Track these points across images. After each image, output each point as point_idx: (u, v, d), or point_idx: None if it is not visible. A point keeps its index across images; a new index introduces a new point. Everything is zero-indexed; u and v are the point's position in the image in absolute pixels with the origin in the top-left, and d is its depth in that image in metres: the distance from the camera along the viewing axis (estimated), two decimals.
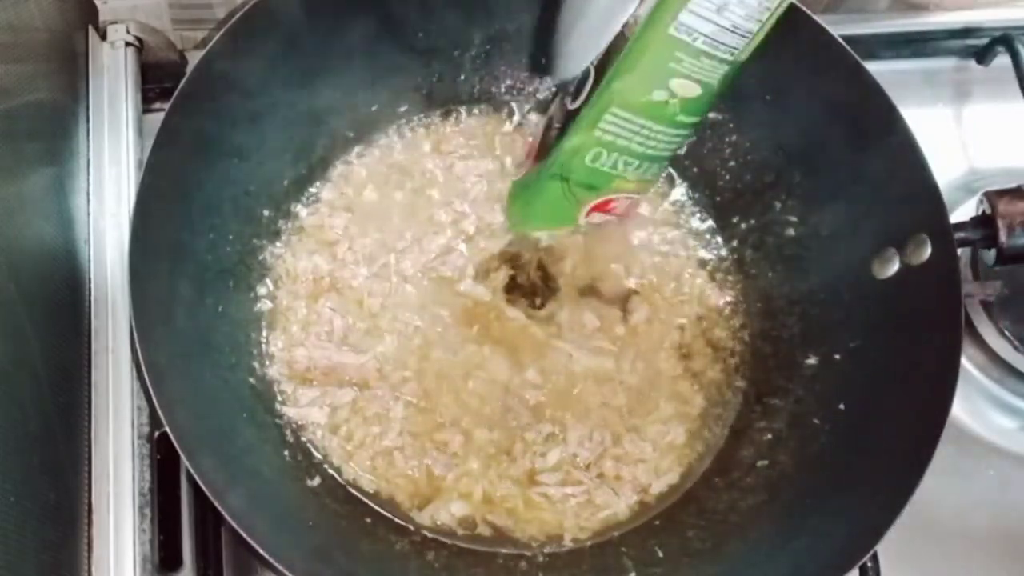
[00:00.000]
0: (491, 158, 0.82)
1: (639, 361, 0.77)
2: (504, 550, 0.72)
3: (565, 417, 0.75)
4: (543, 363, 0.76)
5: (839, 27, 0.72)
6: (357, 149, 0.81)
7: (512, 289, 0.79)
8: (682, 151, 0.82)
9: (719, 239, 0.82)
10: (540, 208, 0.74)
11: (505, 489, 0.73)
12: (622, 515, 0.73)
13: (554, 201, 0.72)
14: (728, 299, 0.80)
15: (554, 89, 0.83)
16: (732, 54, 0.61)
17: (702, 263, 0.82)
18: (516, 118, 0.84)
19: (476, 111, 0.85)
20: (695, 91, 0.62)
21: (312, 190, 0.80)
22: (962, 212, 0.82)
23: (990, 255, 0.71)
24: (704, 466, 0.75)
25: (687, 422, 0.76)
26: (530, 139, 0.79)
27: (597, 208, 0.72)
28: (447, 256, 0.78)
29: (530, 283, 0.79)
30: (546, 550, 0.72)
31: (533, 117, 0.84)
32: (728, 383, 0.78)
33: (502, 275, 0.78)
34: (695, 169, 0.84)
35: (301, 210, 0.79)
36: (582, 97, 0.66)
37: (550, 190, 0.71)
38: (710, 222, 0.83)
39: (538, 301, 0.78)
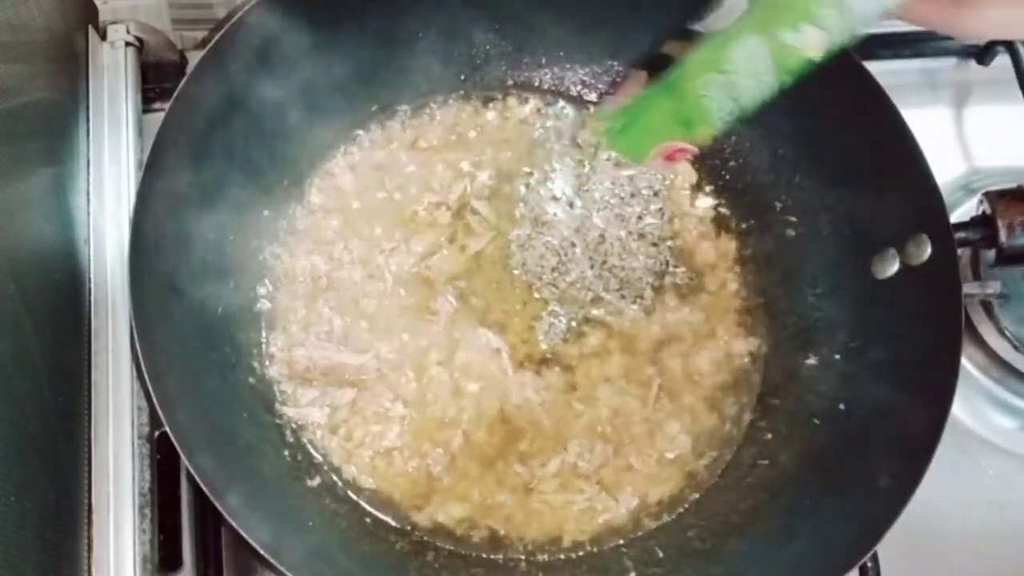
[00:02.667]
0: (474, 153, 0.82)
1: (664, 398, 0.76)
2: (503, 552, 0.72)
3: (567, 431, 0.74)
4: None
5: None
6: (354, 148, 0.81)
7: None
8: None
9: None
10: (641, 125, 0.69)
11: (504, 495, 0.73)
12: (622, 519, 0.73)
13: (655, 121, 0.67)
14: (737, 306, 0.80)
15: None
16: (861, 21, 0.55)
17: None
18: (505, 110, 0.84)
19: (470, 106, 0.84)
20: (821, 41, 0.57)
21: (310, 190, 0.79)
22: (962, 212, 0.82)
23: (990, 255, 0.71)
24: (705, 473, 0.75)
25: (694, 435, 0.75)
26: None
27: (671, 153, 0.68)
28: (431, 258, 0.78)
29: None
30: (546, 551, 0.72)
31: (525, 110, 0.84)
32: (736, 393, 0.77)
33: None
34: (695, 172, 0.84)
35: (298, 210, 0.79)
36: (719, 19, 0.62)
37: (658, 107, 0.66)
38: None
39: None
